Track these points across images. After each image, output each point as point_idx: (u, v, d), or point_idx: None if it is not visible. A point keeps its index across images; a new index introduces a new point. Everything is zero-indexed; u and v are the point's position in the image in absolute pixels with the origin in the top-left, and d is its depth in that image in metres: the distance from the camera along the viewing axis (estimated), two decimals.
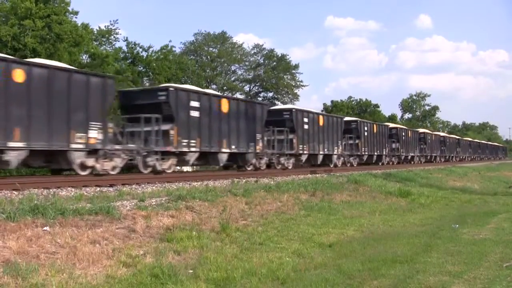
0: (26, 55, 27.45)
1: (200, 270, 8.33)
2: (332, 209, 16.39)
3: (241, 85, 63.65)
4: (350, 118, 38.34)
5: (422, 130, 55.94)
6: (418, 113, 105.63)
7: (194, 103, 20.77)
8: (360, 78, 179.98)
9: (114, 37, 40.31)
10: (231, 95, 27.38)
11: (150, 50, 42.01)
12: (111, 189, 14.06)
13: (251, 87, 64.69)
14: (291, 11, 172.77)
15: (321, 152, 30.38)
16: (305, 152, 28.41)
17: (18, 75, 14.67)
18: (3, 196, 11.18)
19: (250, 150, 23.91)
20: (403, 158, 45.98)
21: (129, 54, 40.98)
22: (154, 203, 11.80)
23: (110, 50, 38.40)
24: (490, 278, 7.88)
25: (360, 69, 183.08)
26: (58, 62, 21.46)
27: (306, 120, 28.66)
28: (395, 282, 7.78)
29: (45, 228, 8.61)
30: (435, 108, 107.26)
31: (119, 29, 43.10)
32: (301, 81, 65.27)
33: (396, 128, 46.11)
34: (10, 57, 16.41)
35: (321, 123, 30.20)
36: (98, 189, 13.84)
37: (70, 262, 7.81)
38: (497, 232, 12.81)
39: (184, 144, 20.13)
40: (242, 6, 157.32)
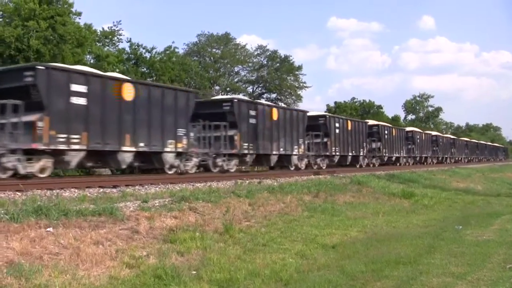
0: (29, 56, 27.56)
1: (203, 271, 8.33)
2: (335, 210, 16.37)
3: (244, 86, 63.73)
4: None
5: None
6: (421, 114, 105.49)
7: (252, 112, 24.35)
8: (363, 79, 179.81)
9: (118, 38, 40.44)
10: (279, 105, 30.33)
11: (154, 51, 42.14)
12: (114, 190, 14.07)
13: (255, 88, 64.78)
14: (294, 12, 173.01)
15: (349, 153, 34.41)
16: (337, 153, 32.80)
17: (129, 92, 17.94)
18: (7, 197, 11.19)
19: (294, 152, 27.45)
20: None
21: (132, 55, 41.08)
22: (157, 204, 11.80)
23: (113, 51, 38.47)
24: (494, 280, 7.87)
25: (363, 70, 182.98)
26: (61, 63, 21.63)
27: (337, 125, 33.21)
28: (398, 283, 7.78)
29: (48, 229, 8.62)
30: (439, 109, 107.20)
31: (122, 30, 43.19)
32: (304, 82, 65.38)
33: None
34: (122, 76, 20.39)
35: (349, 128, 34.19)
36: (101, 190, 13.85)
37: (73, 263, 7.82)
38: (500, 233, 12.79)
39: (245, 147, 23.40)
40: (245, 7, 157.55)
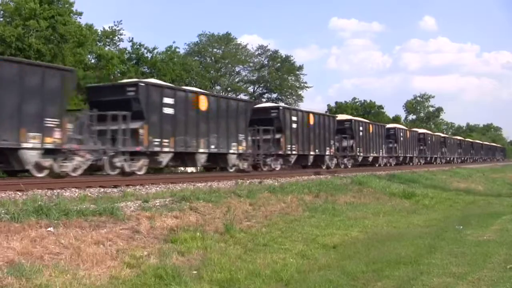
0: (30, 56, 27.55)
1: (204, 271, 8.34)
2: (336, 210, 16.37)
3: (245, 86, 63.71)
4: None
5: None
6: (422, 114, 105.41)
7: (294, 118, 27.96)
8: (364, 79, 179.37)
9: (118, 37, 40.40)
10: (314, 111, 32.15)
11: (155, 51, 42.10)
12: (115, 190, 14.06)
13: (255, 88, 64.77)
14: (295, 13, 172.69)
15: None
16: (361, 154, 36.19)
17: (203, 103, 21.34)
18: (7, 197, 11.19)
19: (327, 153, 31.06)
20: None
21: (134, 55, 41.05)
22: (158, 204, 11.80)
23: (114, 51, 38.45)
24: (494, 280, 7.87)
25: (364, 70, 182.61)
26: (61, 62, 21.75)
27: (361, 128, 36.44)
28: (399, 283, 7.78)
29: (49, 229, 8.62)
30: (439, 109, 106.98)
31: (123, 29, 43.19)
32: (305, 82, 65.41)
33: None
34: (198, 90, 23.96)
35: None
36: (102, 190, 13.85)
37: (74, 263, 7.82)
38: (501, 233, 12.78)
39: (288, 148, 26.98)
40: (246, 7, 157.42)
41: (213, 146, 21.45)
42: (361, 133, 36.16)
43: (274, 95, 64.08)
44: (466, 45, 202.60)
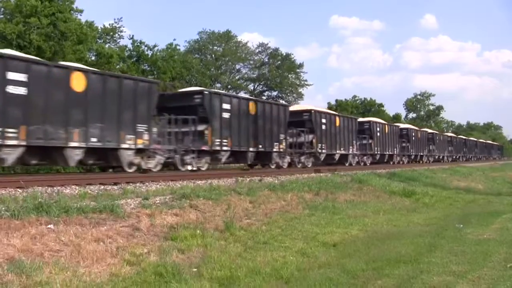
0: (30, 53, 27.51)
1: (204, 268, 8.34)
2: (336, 208, 16.37)
3: (245, 84, 63.67)
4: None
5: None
6: (422, 112, 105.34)
7: (323, 120, 31.48)
8: (364, 77, 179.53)
9: (119, 35, 40.37)
10: (339, 113, 38.97)
11: (155, 49, 42.06)
12: (115, 187, 14.07)
13: (256, 86, 64.71)
14: (296, 11, 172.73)
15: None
16: (378, 152, 39.63)
17: (252, 108, 24.83)
18: (8, 194, 11.20)
19: (350, 152, 34.32)
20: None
21: (134, 53, 41.01)
22: (158, 202, 11.81)
23: (115, 48, 38.42)
24: (494, 278, 7.86)
25: (364, 68, 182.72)
26: (62, 59, 21.78)
27: (378, 129, 40.05)
28: (399, 282, 7.77)
29: (49, 226, 8.62)
30: (440, 107, 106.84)
31: (124, 27, 43.12)
32: (305, 80, 65.38)
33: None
34: (248, 96, 28.09)
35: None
36: (102, 187, 13.85)
37: (74, 260, 7.83)
38: (501, 232, 12.76)
39: (319, 147, 30.61)
40: (247, 5, 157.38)
41: (260, 146, 25.23)
42: (379, 133, 40.28)
43: (274, 93, 64.09)
44: (467, 43, 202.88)
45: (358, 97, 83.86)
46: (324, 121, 31.50)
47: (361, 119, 40.90)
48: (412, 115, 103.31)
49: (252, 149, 24.60)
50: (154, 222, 10.36)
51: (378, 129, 40.24)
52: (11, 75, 14.65)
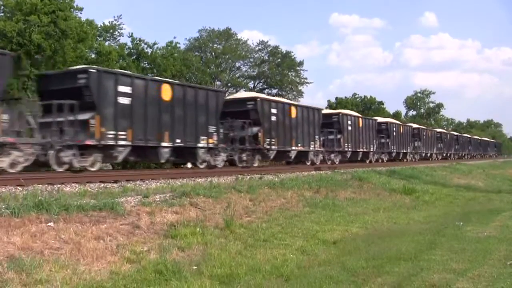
0: (30, 51, 27.51)
1: (204, 266, 8.34)
2: (336, 206, 16.38)
3: (245, 81, 63.62)
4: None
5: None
6: (422, 110, 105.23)
7: (349, 122, 35.07)
8: (364, 75, 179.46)
9: (118, 32, 40.31)
10: (362, 116, 40.35)
11: (155, 47, 42.01)
12: (115, 185, 14.06)
13: (256, 84, 64.63)
14: (296, 8, 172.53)
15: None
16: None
17: (293, 112, 27.96)
18: (8, 191, 11.18)
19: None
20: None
21: (134, 51, 40.95)
22: (158, 199, 11.81)
23: (114, 46, 38.37)
24: (494, 276, 7.86)
25: (364, 66, 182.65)
26: (62, 58, 21.83)
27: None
28: (399, 279, 7.78)
29: (49, 224, 8.62)
30: (440, 105, 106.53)
31: (123, 24, 43.08)
32: (305, 78, 65.23)
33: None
34: (291, 102, 31.52)
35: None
36: (102, 185, 13.84)
37: (74, 258, 7.83)
38: (501, 230, 12.78)
39: (346, 146, 34.05)
40: (247, 3, 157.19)
41: (299, 144, 28.09)
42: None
43: (274, 91, 64.02)
44: (467, 41, 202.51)
45: (358, 95, 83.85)
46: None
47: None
48: (412, 113, 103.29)
49: (295, 148, 27.52)
50: (154, 220, 10.37)
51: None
52: (121, 88, 17.98)
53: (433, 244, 10.75)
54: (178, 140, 20.08)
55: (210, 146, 21.89)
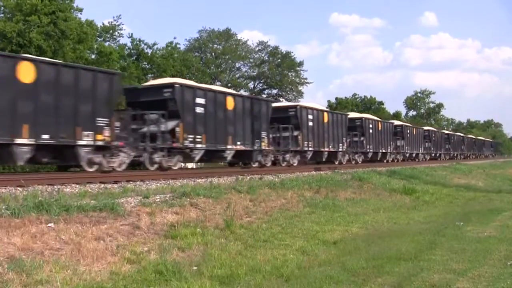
0: (30, 52, 27.52)
1: (204, 267, 8.34)
2: (336, 206, 16.37)
3: (245, 82, 63.68)
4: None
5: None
6: (422, 110, 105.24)
7: (371, 125, 38.06)
8: (364, 75, 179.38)
9: (118, 32, 40.35)
10: (381, 120, 42.97)
11: (155, 47, 42.05)
12: (116, 185, 14.05)
13: (256, 84, 64.74)
14: (296, 9, 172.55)
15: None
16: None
17: (326, 118, 30.98)
18: (8, 192, 11.18)
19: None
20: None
21: (134, 51, 41.00)
22: (158, 200, 11.80)
23: (114, 47, 38.40)
24: (495, 276, 7.86)
25: (364, 66, 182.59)
26: (62, 58, 21.79)
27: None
28: (399, 279, 7.78)
29: (49, 224, 8.62)
30: (440, 105, 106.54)
31: (123, 24, 43.08)
32: (305, 78, 65.44)
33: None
34: (323, 108, 32.77)
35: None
36: (103, 185, 13.84)
37: (75, 258, 7.83)
38: (501, 230, 12.77)
39: (368, 147, 36.71)
40: (247, 3, 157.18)
41: (330, 146, 31.10)
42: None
43: (274, 91, 64.13)
44: (467, 41, 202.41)
45: (358, 95, 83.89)
46: (371, 126, 34.98)
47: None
48: (412, 113, 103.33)
49: (326, 149, 30.59)
50: (154, 220, 10.37)
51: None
52: (198, 100, 20.68)
53: (433, 244, 10.75)
54: (238, 143, 23.15)
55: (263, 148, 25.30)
